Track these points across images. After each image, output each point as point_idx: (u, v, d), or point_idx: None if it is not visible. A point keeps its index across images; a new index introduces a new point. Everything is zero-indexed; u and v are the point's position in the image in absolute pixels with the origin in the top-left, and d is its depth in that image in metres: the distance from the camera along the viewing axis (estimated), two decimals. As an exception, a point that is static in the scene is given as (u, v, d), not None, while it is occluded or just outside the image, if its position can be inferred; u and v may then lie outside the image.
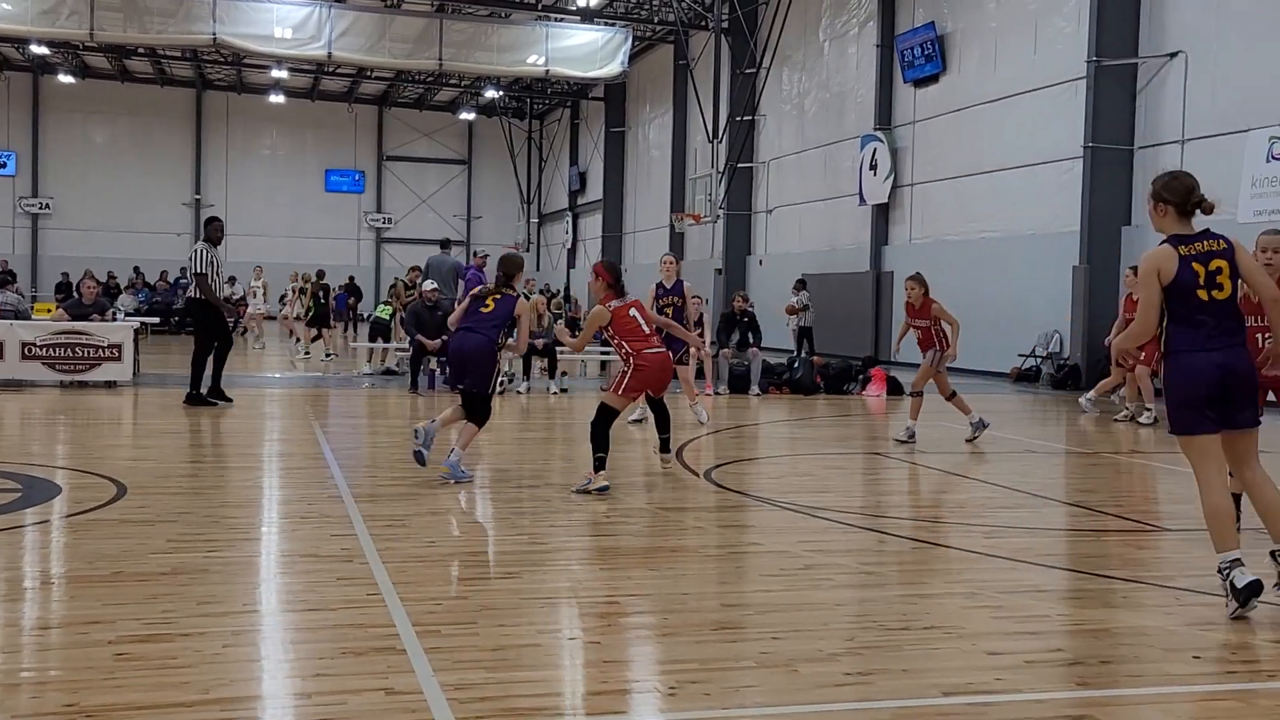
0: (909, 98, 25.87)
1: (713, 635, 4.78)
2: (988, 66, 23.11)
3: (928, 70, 24.85)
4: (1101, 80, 19.33)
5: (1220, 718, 3.92)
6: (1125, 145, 19.47)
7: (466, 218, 53.83)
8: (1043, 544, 7.04)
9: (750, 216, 33.80)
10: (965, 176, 23.78)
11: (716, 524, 7.45)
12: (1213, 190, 18.28)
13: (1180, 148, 18.57)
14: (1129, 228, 19.54)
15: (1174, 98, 18.66)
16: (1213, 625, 5.14)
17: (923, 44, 24.87)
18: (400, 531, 6.75)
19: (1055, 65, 20.86)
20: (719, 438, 12.14)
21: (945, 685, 4.19)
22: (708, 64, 32.04)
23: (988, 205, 23.00)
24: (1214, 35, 17.91)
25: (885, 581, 5.94)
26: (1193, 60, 18.30)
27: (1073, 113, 20.10)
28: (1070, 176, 20.27)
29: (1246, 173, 17.26)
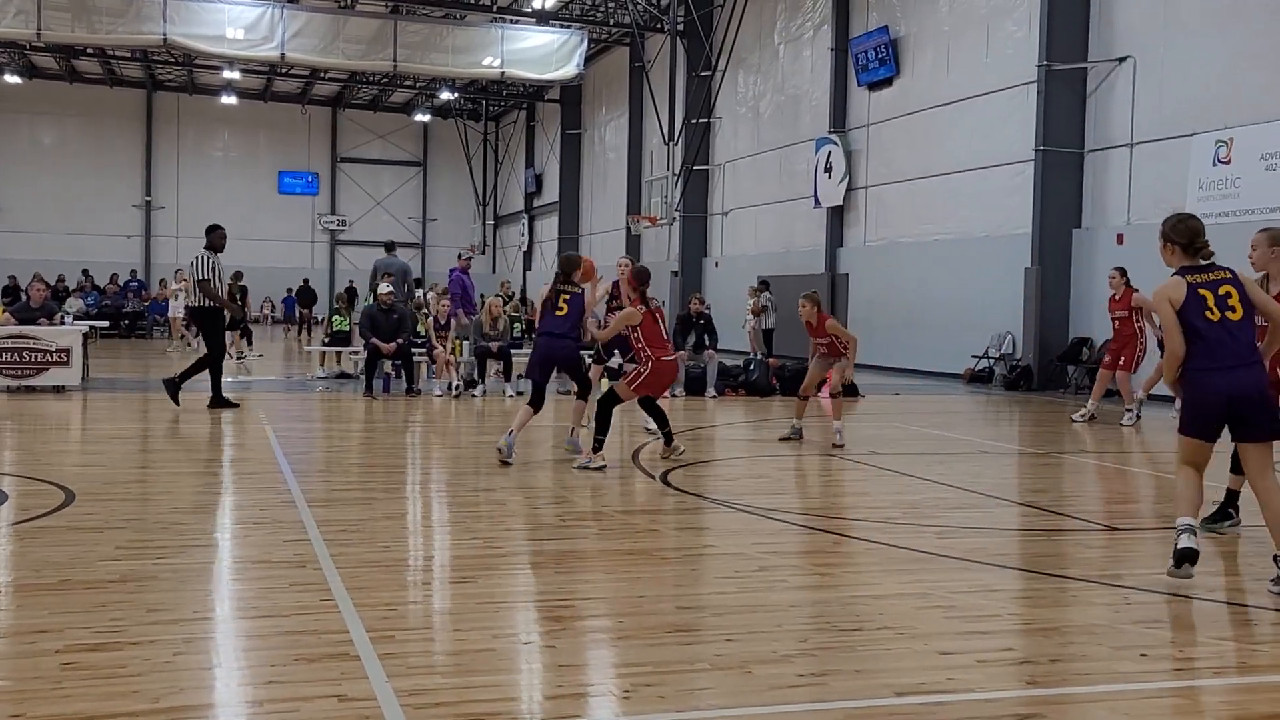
0: (863, 101, 26.05)
1: (668, 638, 4.79)
2: (940, 70, 23.31)
3: (881, 74, 25.04)
4: (1052, 84, 19.56)
5: (1167, 715, 3.98)
6: (1075, 148, 19.71)
7: (422, 220, 53.64)
8: (994, 544, 7.11)
9: (706, 219, 33.90)
10: (919, 179, 23.98)
11: (672, 527, 7.46)
12: (1160, 193, 18.55)
13: (1129, 151, 18.83)
14: (1080, 230, 19.78)
15: (1123, 102, 18.92)
16: (1160, 623, 5.21)
17: (876, 48, 25.05)
18: (354, 536, 6.71)
19: (1006, 69, 21.08)
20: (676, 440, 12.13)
21: (898, 685, 4.22)
22: (663, 66, 32.12)
23: (941, 207, 23.20)
24: (1161, 41, 18.18)
25: (839, 583, 5.98)
26: (1140, 65, 18.56)
27: (1024, 116, 20.32)
28: (1022, 179, 20.49)
29: (1193, 176, 17.52)
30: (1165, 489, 9.56)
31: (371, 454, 10.92)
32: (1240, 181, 16.77)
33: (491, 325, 17.30)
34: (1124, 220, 19.00)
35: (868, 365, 23.67)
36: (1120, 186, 19.11)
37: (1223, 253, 16.86)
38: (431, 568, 6.26)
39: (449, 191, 54.05)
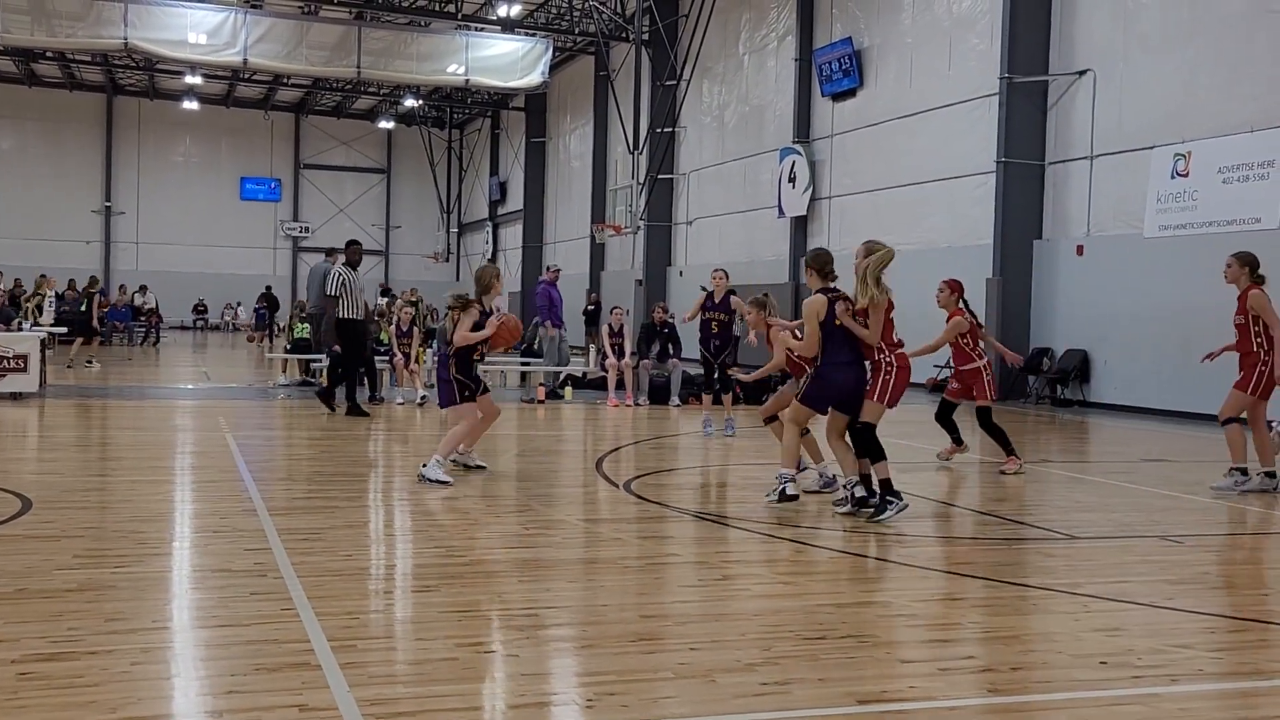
0: (827, 111, 26.19)
1: (631, 647, 4.78)
2: (904, 82, 23.48)
3: (845, 85, 25.19)
4: (1013, 97, 19.75)
5: (1126, 721, 4.02)
6: (1037, 160, 19.90)
7: (385, 227, 53.41)
8: (956, 553, 7.16)
9: (671, 228, 33.95)
10: (882, 190, 24.13)
11: (635, 535, 7.46)
12: (1120, 205, 18.76)
13: (1089, 163, 19.04)
14: (1040, 241, 19.97)
15: (1083, 115, 19.13)
16: (1119, 631, 5.26)
17: (840, 59, 25.20)
18: (316, 545, 6.66)
19: (969, 81, 21.26)
20: (639, 449, 12.16)
21: (860, 694, 4.24)
22: (628, 75, 32.18)
23: (903, 218, 23.34)
24: (1120, 55, 18.40)
25: (802, 591, 5.99)
26: (1100, 78, 18.77)
27: (986, 128, 20.50)
28: (983, 191, 20.66)
29: (1152, 188, 17.74)
30: (1127, 498, 9.66)
31: (334, 462, 10.84)
32: (1198, 194, 17.00)
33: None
34: (1084, 232, 19.20)
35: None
36: (1080, 198, 19.31)
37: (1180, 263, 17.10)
38: (394, 576, 6.22)
39: (413, 199, 53.87)
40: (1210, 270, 16.63)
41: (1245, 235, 16.23)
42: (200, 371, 23.01)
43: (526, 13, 35.22)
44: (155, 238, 49.51)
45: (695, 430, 14.39)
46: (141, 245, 49.50)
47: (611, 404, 17.14)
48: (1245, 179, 16.27)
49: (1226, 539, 7.60)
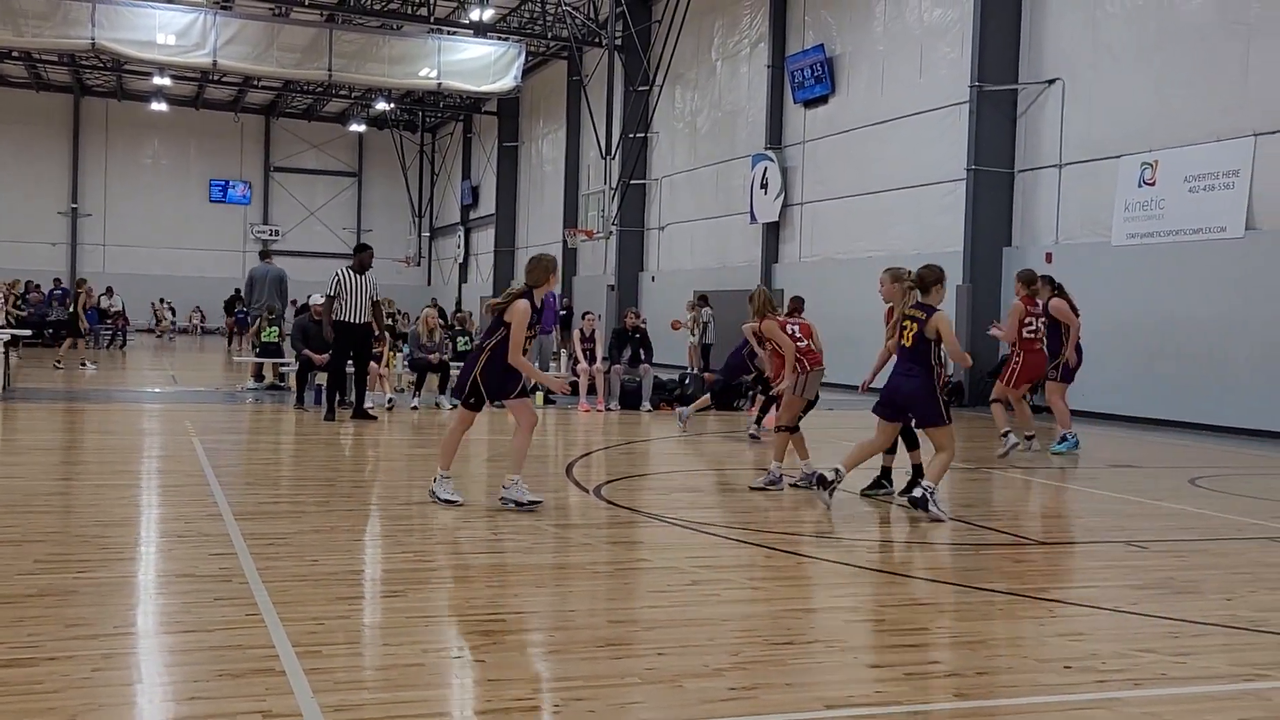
0: (799, 118, 26.28)
1: (599, 652, 4.77)
2: (875, 89, 23.60)
3: (817, 91, 25.29)
4: (983, 105, 19.87)
5: (1090, 726, 4.04)
6: (1006, 168, 20.04)
7: (356, 230, 53.17)
8: (923, 558, 7.18)
9: (643, 233, 33.98)
10: (853, 196, 24.23)
11: (605, 540, 7.44)
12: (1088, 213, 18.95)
13: (1058, 172, 19.18)
14: (1010, 249, 20.10)
15: (1052, 123, 19.27)
16: (1083, 636, 5.29)
17: (812, 65, 25.30)
18: (282, 550, 6.61)
19: (940, 89, 21.39)
20: (609, 454, 12.15)
21: (827, 698, 4.24)
22: (601, 80, 32.18)
23: (875, 225, 23.45)
24: (1089, 64, 18.55)
25: (771, 596, 6.00)
26: (1069, 88, 18.92)
27: (956, 136, 20.62)
28: (954, 198, 20.78)
29: (1120, 197, 17.88)
30: (1093, 503, 9.72)
31: (302, 467, 10.78)
32: (1165, 203, 17.15)
33: (428, 337, 17.19)
34: (1053, 239, 19.33)
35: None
36: (1049, 206, 19.45)
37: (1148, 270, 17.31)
38: (361, 582, 6.18)
39: (384, 202, 53.69)
40: (1177, 279, 16.84)
41: (1211, 243, 16.41)
42: (167, 375, 22.83)
43: (499, 17, 35.18)
44: (122, 240, 49.14)
45: (667, 435, 14.39)
46: (108, 248, 49.11)
47: (583, 409, 17.12)
48: (1211, 188, 16.43)
49: (1191, 544, 7.66)
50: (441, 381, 17.10)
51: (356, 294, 14.30)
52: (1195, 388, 16.37)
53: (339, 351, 14.47)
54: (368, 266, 14.56)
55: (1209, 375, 16.21)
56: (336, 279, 14.36)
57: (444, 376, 17.08)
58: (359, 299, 14.33)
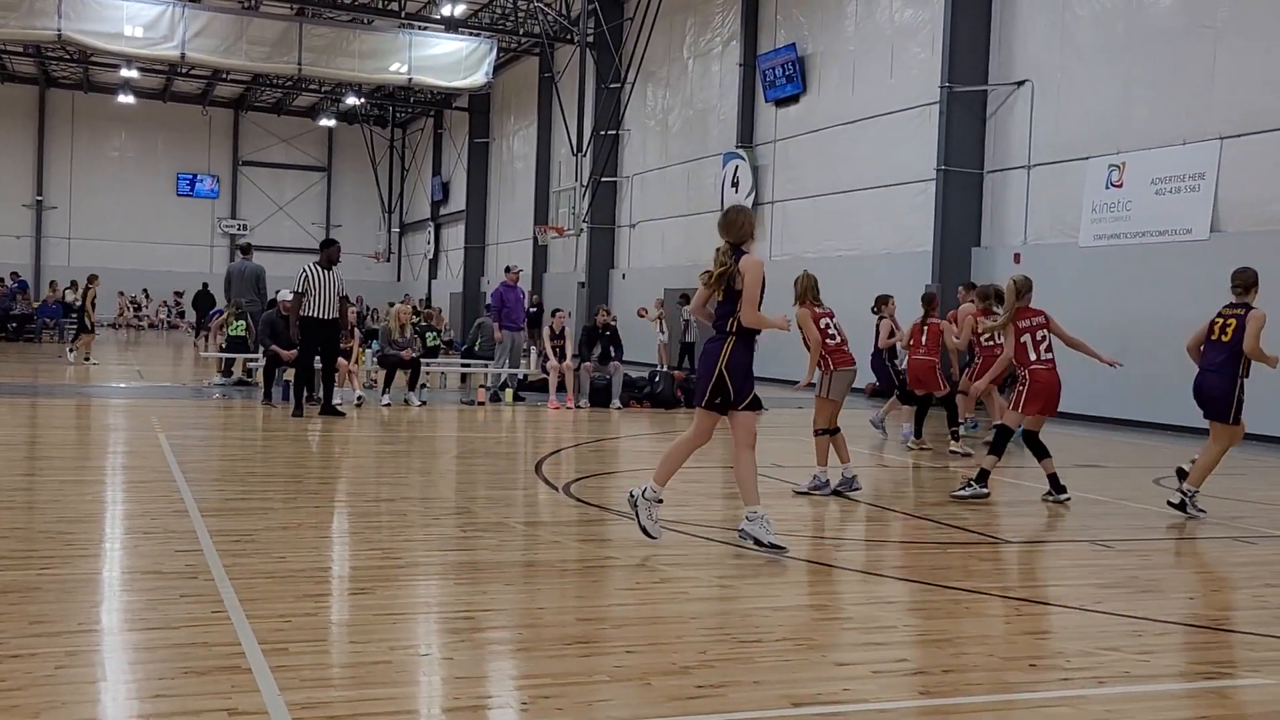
0: (770, 117, 26.34)
1: (567, 650, 4.77)
2: (846, 89, 23.68)
3: (788, 90, 25.35)
4: (953, 106, 19.98)
5: (1054, 723, 4.08)
6: (975, 169, 20.15)
7: (325, 225, 52.87)
8: (891, 556, 7.22)
9: (614, 230, 33.96)
10: (823, 195, 24.31)
11: (574, 538, 7.44)
12: (1056, 214, 19.06)
13: (1026, 173, 19.31)
14: (979, 249, 20.22)
15: (1021, 124, 19.40)
16: (1049, 634, 5.34)
17: (784, 64, 25.36)
18: (249, 547, 6.57)
19: (910, 90, 21.48)
20: (579, 451, 12.14)
21: (795, 696, 4.26)
22: (572, 77, 32.14)
23: (845, 224, 23.54)
24: (1058, 66, 18.69)
25: (739, 594, 6.01)
26: (1038, 89, 19.05)
27: (926, 136, 20.72)
28: (923, 198, 20.88)
29: (1087, 199, 18.02)
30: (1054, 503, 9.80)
31: (269, 463, 10.72)
32: (1131, 205, 17.30)
33: (400, 333, 17.12)
34: (1021, 240, 19.46)
35: (770, 379, 23.89)
36: (1018, 207, 19.58)
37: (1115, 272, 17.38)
38: (328, 579, 6.15)
39: (354, 198, 53.42)
40: (1143, 280, 16.99)
41: (1177, 245, 16.56)
42: (133, 370, 22.63)
43: (470, 12, 35.08)
44: (88, 233, 48.67)
45: (636, 433, 14.39)
46: (74, 241, 48.63)
47: (552, 406, 17.11)
48: (1177, 190, 16.58)
49: (1154, 543, 7.73)
50: (411, 378, 17.01)
51: (325, 290, 14.24)
52: (1160, 388, 16.52)
53: (307, 347, 14.41)
54: (335, 261, 14.52)
55: (1174, 376, 16.32)
56: (305, 275, 14.30)
57: (414, 373, 17.01)
58: (327, 295, 14.27)
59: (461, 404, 17.59)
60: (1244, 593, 6.27)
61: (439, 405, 17.14)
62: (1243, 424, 8.79)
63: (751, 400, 6.90)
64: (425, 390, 17.73)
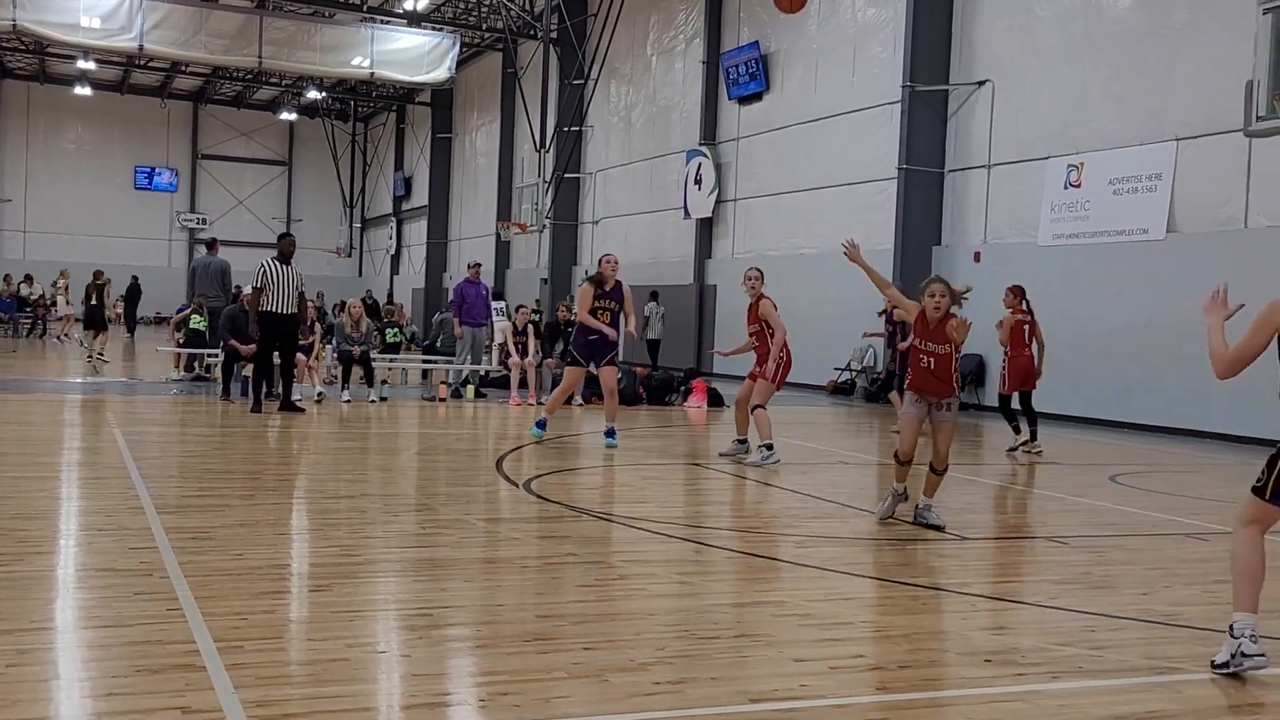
0: (733, 114, 26.40)
1: (526, 646, 4.76)
2: (809, 87, 23.76)
3: (751, 88, 25.42)
4: (915, 105, 20.10)
5: (1006, 718, 4.11)
6: (936, 168, 20.28)
7: (286, 220, 52.50)
8: (850, 553, 7.26)
9: (577, 227, 33.93)
10: (786, 193, 24.40)
11: (534, 535, 7.43)
12: (1015, 213, 19.21)
13: (987, 172, 19.46)
14: (939, 247, 20.36)
15: (982, 124, 19.55)
16: (1005, 630, 5.38)
17: (747, 62, 25.42)
18: (205, 544, 6.52)
19: (872, 89, 21.59)
20: (540, 448, 12.12)
21: (752, 692, 4.27)
22: (536, 73, 32.08)
23: (807, 222, 23.63)
24: (1018, 67, 18.84)
25: (698, 591, 6.03)
26: (999, 89, 19.20)
27: (888, 135, 20.83)
28: (885, 196, 20.99)
29: (1046, 198, 18.19)
30: (1017, 499, 9.89)
31: (227, 460, 10.63)
32: (1089, 204, 17.47)
33: (353, 328, 17.01)
34: (981, 239, 19.61)
35: (733, 376, 23.96)
36: (978, 206, 19.73)
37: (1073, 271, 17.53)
38: (286, 576, 6.11)
39: (315, 192, 53.05)
40: (1100, 279, 17.16)
41: (1134, 245, 16.74)
42: (89, 365, 22.37)
43: (433, 7, 34.94)
44: (44, 227, 48.07)
45: (598, 429, 14.38)
46: (29, 234, 48.02)
47: (514, 403, 17.07)
48: (1134, 190, 16.77)
49: (1109, 540, 7.82)
50: (367, 375, 16.85)
51: (283, 284, 14.17)
52: (1117, 386, 16.71)
53: (265, 343, 14.32)
54: (291, 255, 14.49)
55: (1130, 374, 16.54)
56: (263, 270, 14.22)
57: (368, 370, 16.84)
58: (286, 289, 14.19)
59: (423, 400, 17.51)
60: (1196, 588, 6.35)
61: (400, 402, 17.05)
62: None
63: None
64: (386, 387, 17.64)
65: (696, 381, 18.94)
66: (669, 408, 17.94)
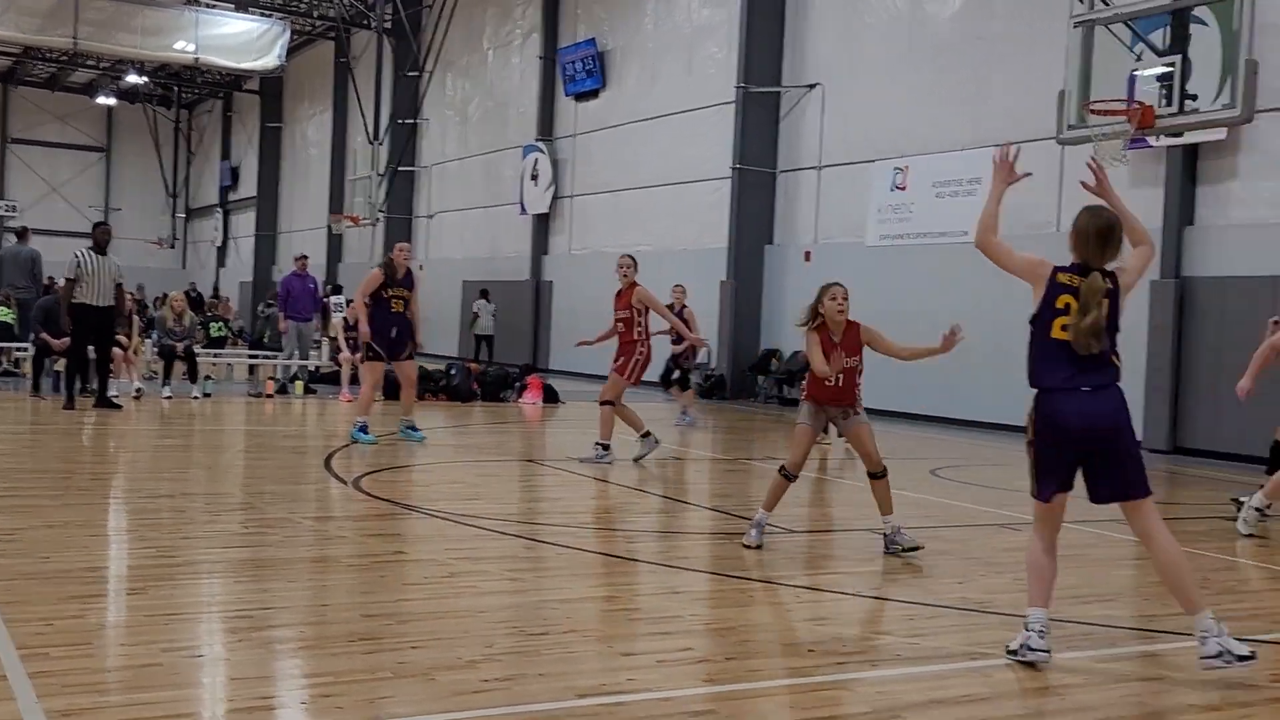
0: (570, 110, 26.41)
1: (351, 647, 4.67)
2: (645, 85, 23.94)
3: (588, 85, 25.47)
4: (749, 106, 20.43)
5: (826, 706, 4.22)
6: (769, 168, 20.67)
7: (104, 209, 50.25)
8: (681, 547, 7.35)
9: (411, 221, 33.44)
10: (622, 191, 24.53)
11: (361, 533, 7.30)
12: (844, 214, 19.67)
13: (817, 174, 19.92)
14: (771, 246, 20.76)
15: (812, 126, 20.00)
16: (828, 620, 5.52)
17: (584, 59, 25.46)
18: (10, 546, 6.20)
19: (707, 89, 21.86)
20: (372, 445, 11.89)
21: (580, 688, 4.28)
22: (370, 64, 31.53)
23: (643, 220, 23.80)
24: (847, 72, 19.34)
25: (528, 588, 6.01)
26: (829, 93, 19.67)
27: (723, 135, 21.12)
28: (719, 196, 21.29)
29: (874, 200, 18.73)
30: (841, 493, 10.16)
31: (37, 458, 10.13)
32: (914, 207, 18.06)
33: (175, 321, 16.40)
34: (811, 239, 20.07)
35: (568, 372, 23.99)
36: (809, 206, 20.18)
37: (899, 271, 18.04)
38: (98, 579, 5.85)
39: (136, 181, 50.93)
40: (924, 279, 17.75)
41: (955, 246, 17.36)
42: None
43: (263, -8, 33.95)
44: None
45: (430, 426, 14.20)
46: None
47: (344, 399, 16.71)
48: (955, 194, 17.39)
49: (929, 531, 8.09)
50: (190, 370, 16.25)
51: (98, 275, 13.58)
52: (938, 384, 17.30)
53: (79, 336, 13.69)
54: (106, 245, 13.89)
55: (950, 372, 17.15)
56: (77, 261, 13.60)
57: (191, 365, 16.25)
58: (101, 281, 13.61)
59: (249, 396, 17.02)
60: (1008, 576, 6.61)
61: (225, 398, 16.52)
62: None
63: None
64: (210, 383, 17.06)
65: (532, 378, 18.88)
66: (504, 404, 17.85)
